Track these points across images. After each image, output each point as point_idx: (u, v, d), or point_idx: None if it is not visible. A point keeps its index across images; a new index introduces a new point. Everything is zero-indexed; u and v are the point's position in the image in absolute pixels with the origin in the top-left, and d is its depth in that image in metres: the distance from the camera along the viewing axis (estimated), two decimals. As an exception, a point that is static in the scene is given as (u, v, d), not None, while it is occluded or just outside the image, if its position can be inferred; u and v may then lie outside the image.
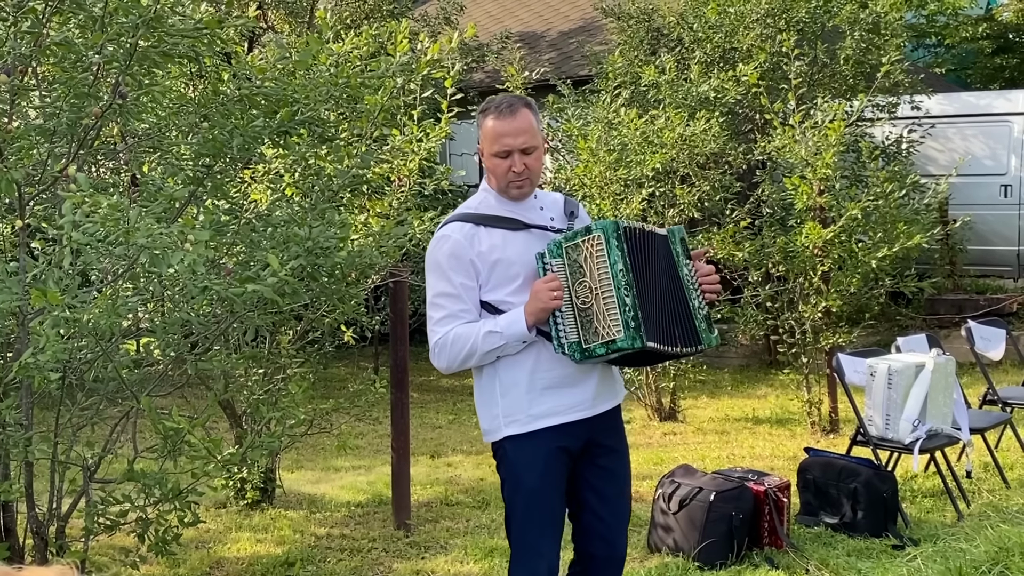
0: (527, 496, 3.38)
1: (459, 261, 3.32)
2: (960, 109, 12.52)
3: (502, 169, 3.35)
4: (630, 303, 3.19)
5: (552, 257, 3.28)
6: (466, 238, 3.33)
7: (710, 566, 5.01)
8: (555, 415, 3.35)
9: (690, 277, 3.39)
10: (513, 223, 3.37)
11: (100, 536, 4.74)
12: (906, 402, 5.64)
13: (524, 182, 3.37)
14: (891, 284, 8.21)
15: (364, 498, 6.49)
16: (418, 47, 5.90)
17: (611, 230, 3.22)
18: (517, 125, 3.33)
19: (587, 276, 3.22)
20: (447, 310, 3.32)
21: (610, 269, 3.20)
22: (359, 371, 10.80)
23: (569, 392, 3.36)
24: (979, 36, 21.05)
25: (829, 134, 7.70)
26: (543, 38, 15.53)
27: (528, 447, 3.36)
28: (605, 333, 3.20)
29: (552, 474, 3.37)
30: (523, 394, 3.34)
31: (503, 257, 3.33)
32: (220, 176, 4.70)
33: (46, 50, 4.06)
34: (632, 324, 3.18)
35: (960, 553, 4.83)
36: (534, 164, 3.38)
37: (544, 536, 3.39)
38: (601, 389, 3.43)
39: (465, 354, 3.31)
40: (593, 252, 3.22)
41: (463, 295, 3.32)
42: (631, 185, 8.14)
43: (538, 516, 3.39)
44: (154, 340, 4.43)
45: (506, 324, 3.27)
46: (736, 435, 8.14)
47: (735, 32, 10.43)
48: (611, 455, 3.51)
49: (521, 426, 3.35)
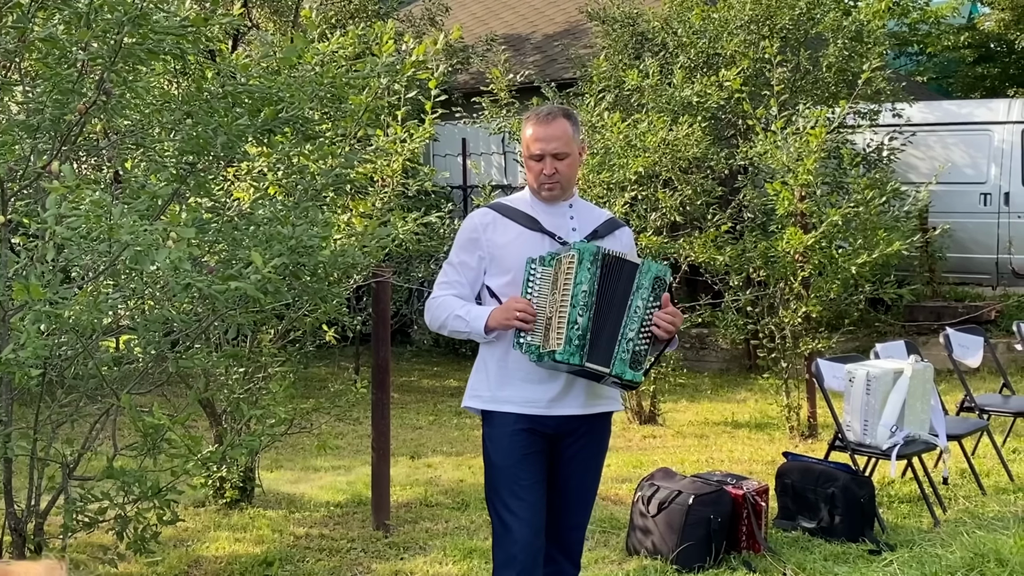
0: (493, 470, 3.65)
1: (469, 241, 3.67)
2: (941, 117, 12.60)
3: (535, 171, 3.62)
4: (581, 323, 3.42)
5: (542, 265, 3.51)
6: (483, 224, 3.66)
7: (688, 569, 5.03)
8: (513, 403, 3.60)
9: (640, 310, 3.49)
10: (530, 222, 3.62)
11: (79, 533, 4.72)
12: (884, 408, 5.68)
13: (555, 185, 3.62)
14: (871, 291, 8.25)
15: (344, 498, 6.49)
16: (403, 48, 5.90)
17: (588, 253, 3.45)
18: (552, 132, 3.59)
19: (559, 290, 3.45)
20: (447, 276, 3.69)
21: (572, 288, 3.42)
22: (340, 371, 10.79)
23: (531, 387, 3.59)
24: (961, 45, 21.16)
25: (811, 140, 7.74)
26: (528, 41, 15.54)
27: (496, 424, 3.64)
28: (553, 344, 3.43)
29: (516, 452, 3.59)
30: (492, 376, 3.64)
31: (504, 251, 3.62)
32: (203, 174, 4.69)
33: (31, 45, 4.05)
34: (576, 343, 3.41)
35: (936, 559, 4.87)
36: (565, 170, 3.63)
37: (510, 510, 3.59)
38: (564, 394, 3.60)
39: (440, 323, 3.67)
40: (565, 269, 3.45)
41: (459, 270, 3.67)
42: (614, 188, 8.16)
43: (504, 490, 3.61)
44: (135, 338, 4.42)
45: (474, 317, 3.57)
46: (715, 439, 8.17)
47: (719, 38, 10.48)
48: (583, 451, 3.70)
49: (482, 403, 3.66)
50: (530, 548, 3.56)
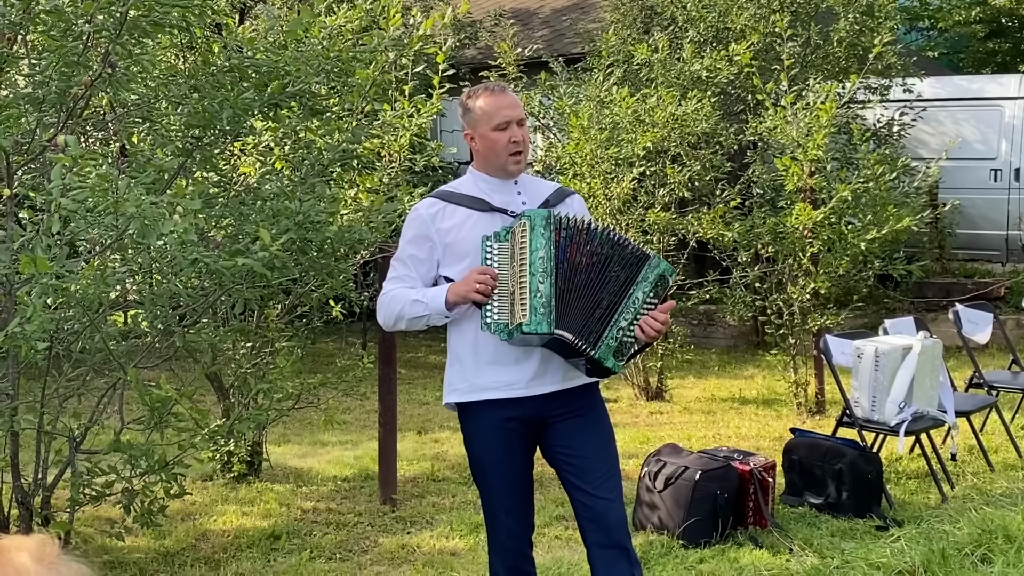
0: (478, 465, 3.55)
1: (417, 234, 3.49)
2: (952, 93, 12.52)
3: (502, 142, 3.46)
4: (544, 290, 3.28)
5: (497, 241, 3.37)
6: (430, 215, 3.48)
7: (694, 544, 5.03)
8: (493, 389, 3.45)
9: (639, 302, 3.36)
10: (480, 203, 3.48)
11: (85, 507, 4.74)
12: (892, 384, 5.66)
13: (522, 154, 3.50)
14: (880, 267, 8.23)
15: (350, 473, 6.50)
16: (410, 22, 5.87)
17: (539, 217, 3.31)
18: (511, 99, 3.50)
19: (516, 261, 3.33)
20: (396, 272, 3.51)
21: (529, 255, 3.29)
22: (347, 346, 10.79)
23: (507, 369, 3.44)
24: (972, 20, 21.00)
25: (821, 115, 7.69)
26: (536, 15, 15.46)
27: (475, 417, 3.51)
28: (519, 316, 3.29)
29: (500, 443, 3.48)
30: (468, 366, 3.49)
31: (458, 237, 3.45)
32: (209, 148, 4.67)
33: (36, 18, 4.03)
34: (541, 311, 3.27)
35: (943, 535, 4.86)
36: (527, 136, 3.52)
37: (499, 505, 3.52)
38: (543, 371, 3.45)
39: (396, 315, 3.47)
40: (519, 239, 3.32)
41: (408, 263, 3.49)
42: (622, 164, 8.13)
43: (492, 483, 3.52)
44: (142, 312, 4.42)
45: (431, 297, 3.40)
46: (722, 415, 8.16)
47: (728, 12, 10.41)
48: (574, 418, 3.50)
49: (461, 395, 3.51)
50: (523, 536, 3.58)
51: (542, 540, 5.14)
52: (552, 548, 5.06)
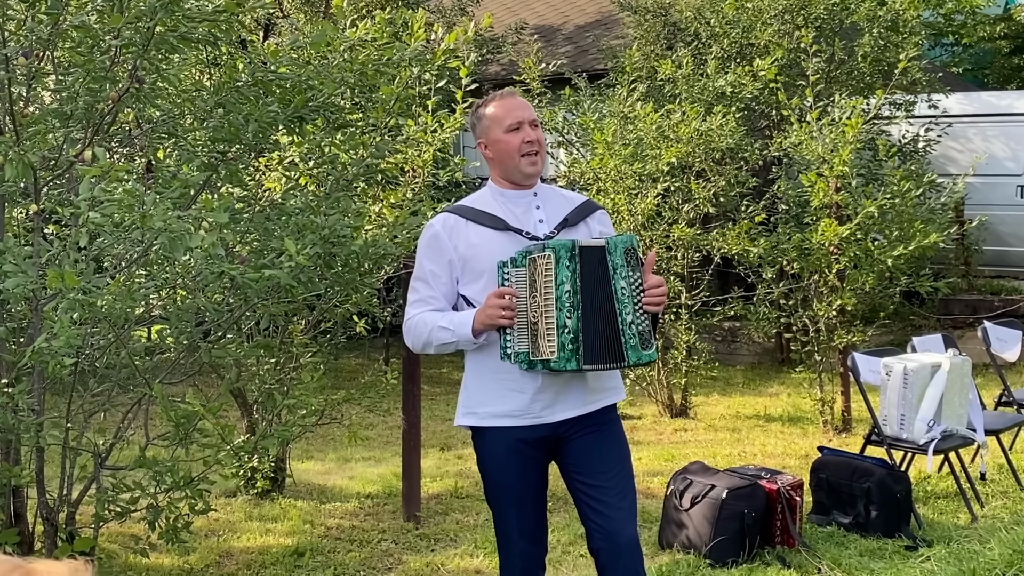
0: (492, 488, 3.51)
1: (434, 251, 3.42)
2: (979, 109, 12.44)
3: (515, 144, 3.39)
4: (571, 326, 3.21)
5: (514, 267, 3.29)
6: (447, 231, 3.42)
7: (721, 564, 4.98)
8: (509, 416, 3.39)
9: (627, 290, 3.29)
10: (497, 222, 3.40)
11: (110, 523, 4.73)
12: (921, 402, 5.60)
13: (538, 155, 3.42)
14: (906, 283, 8.16)
15: (374, 489, 6.47)
16: (433, 38, 5.86)
17: (564, 250, 3.23)
18: (521, 102, 3.46)
19: (538, 292, 3.25)
20: (419, 294, 3.44)
21: (555, 289, 3.22)
22: (370, 362, 10.78)
23: (524, 397, 3.37)
24: (997, 36, 20.94)
25: (846, 131, 7.65)
26: (559, 31, 15.48)
27: (489, 439, 3.46)
28: (545, 352, 3.24)
29: (514, 466, 3.44)
30: (483, 390, 3.43)
31: (475, 255, 3.39)
32: (234, 163, 4.67)
33: (64, 33, 4.04)
34: (569, 347, 3.21)
35: (974, 555, 4.79)
36: (542, 138, 3.45)
37: (512, 527, 3.49)
38: (563, 397, 3.39)
39: (424, 341, 3.41)
40: (543, 270, 3.24)
41: (431, 281, 3.42)
42: (646, 180, 8.10)
43: (506, 505, 3.49)
44: (167, 327, 4.41)
45: (458, 324, 3.33)
46: (748, 433, 8.10)
47: (752, 28, 10.39)
48: (590, 434, 3.44)
49: (477, 420, 3.46)
50: (536, 557, 3.56)
51: (566, 559, 5.10)
52: (577, 567, 5.01)
